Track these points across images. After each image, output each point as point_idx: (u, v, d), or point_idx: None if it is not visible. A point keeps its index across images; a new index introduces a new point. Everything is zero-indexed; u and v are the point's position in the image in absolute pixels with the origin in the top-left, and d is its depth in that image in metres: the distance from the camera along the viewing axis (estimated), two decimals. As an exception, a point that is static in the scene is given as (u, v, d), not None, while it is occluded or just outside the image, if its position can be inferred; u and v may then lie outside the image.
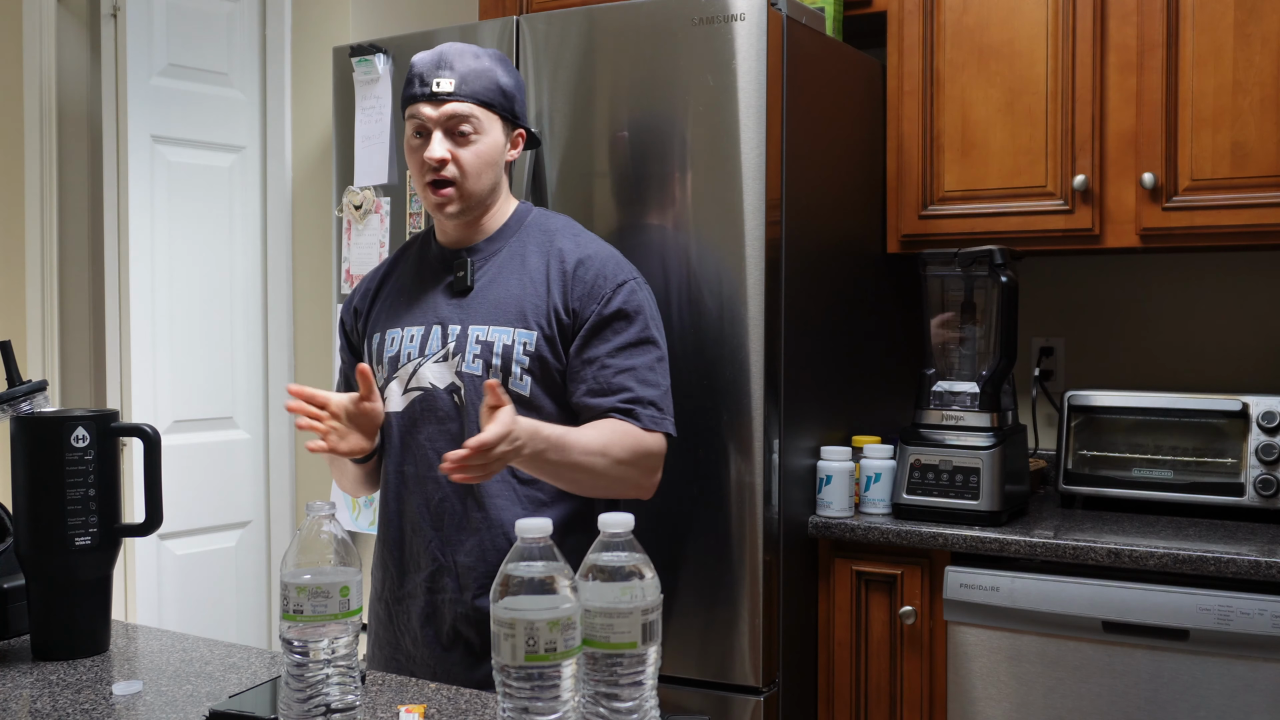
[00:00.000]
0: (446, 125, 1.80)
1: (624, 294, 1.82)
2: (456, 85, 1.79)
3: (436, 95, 1.79)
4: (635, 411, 1.79)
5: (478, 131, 1.81)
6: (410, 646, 1.85)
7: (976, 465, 2.33)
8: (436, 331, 1.84)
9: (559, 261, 1.83)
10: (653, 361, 1.83)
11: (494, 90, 1.82)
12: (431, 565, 1.82)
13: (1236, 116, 2.32)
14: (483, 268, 1.86)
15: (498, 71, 1.83)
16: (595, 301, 1.80)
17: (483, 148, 1.82)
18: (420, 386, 1.83)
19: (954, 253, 2.48)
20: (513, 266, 1.85)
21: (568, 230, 1.90)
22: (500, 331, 1.80)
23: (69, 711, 1.34)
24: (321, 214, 3.06)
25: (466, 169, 1.81)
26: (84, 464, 1.54)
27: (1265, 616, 2.00)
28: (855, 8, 2.71)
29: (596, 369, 1.79)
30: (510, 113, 1.85)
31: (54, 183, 3.16)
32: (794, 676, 2.34)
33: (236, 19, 3.11)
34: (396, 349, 1.86)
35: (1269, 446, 2.31)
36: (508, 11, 3.01)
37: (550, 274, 1.82)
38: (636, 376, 1.80)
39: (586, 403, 1.79)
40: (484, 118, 1.81)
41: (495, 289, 1.83)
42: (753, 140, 2.19)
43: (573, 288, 1.81)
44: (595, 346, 1.80)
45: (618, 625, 1.10)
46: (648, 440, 1.79)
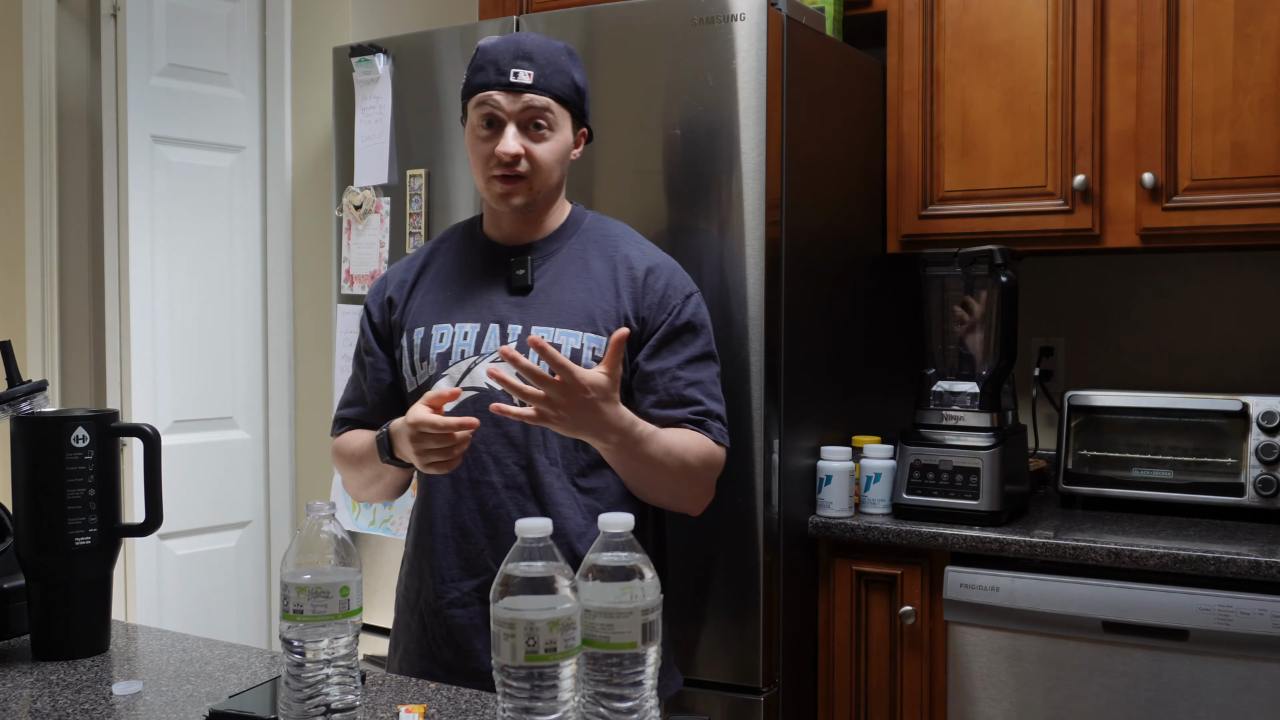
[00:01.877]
0: (521, 118, 1.72)
1: (692, 306, 1.80)
2: (536, 78, 1.72)
3: (515, 85, 1.71)
4: (706, 424, 1.76)
5: (552, 128, 1.74)
6: (451, 658, 1.75)
7: (976, 465, 2.33)
8: (494, 330, 1.76)
9: (627, 268, 1.78)
10: (715, 375, 1.82)
11: (570, 86, 1.76)
12: (484, 574, 1.74)
13: (1236, 116, 2.32)
14: (541, 267, 1.79)
15: (573, 67, 1.77)
16: (665, 312, 1.77)
17: (556, 145, 1.75)
18: (475, 386, 1.74)
19: (954, 253, 2.48)
20: (575, 269, 1.79)
21: (630, 237, 1.85)
22: (568, 334, 1.74)
23: (69, 711, 1.34)
24: (321, 214, 3.06)
25: (540, 164, 1.74)
26: (84, 464, 1.54)
27: (1265, 616, 2.00)
28: (855, 8, 2.71)
29: (668, 380, 1.76)
30: (581, 111, 1.80)
31: (54, 183, 3.16)
32: (794, 676, 2.34)
33: (236, 19, 3.11)
34: (447, 345, 1.78)
35: (1269, 446, 2.31)
36: (508, 11, 3.01)
37: (618, 280, 1.77)
38: (704, 390, 1.78)
39: (656, 414, 1.75)
40: (559, 114, 1.75)
41: (558, 290, 1.77)
42: (753, 140, 2.19)
43: (644, 295, 1.76)
44: (665, 357, 1.76)
45: (618, 625, 1.10)
46: (716, 453, 1.78)
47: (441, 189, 2.55)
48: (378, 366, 1.87)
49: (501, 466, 1.74)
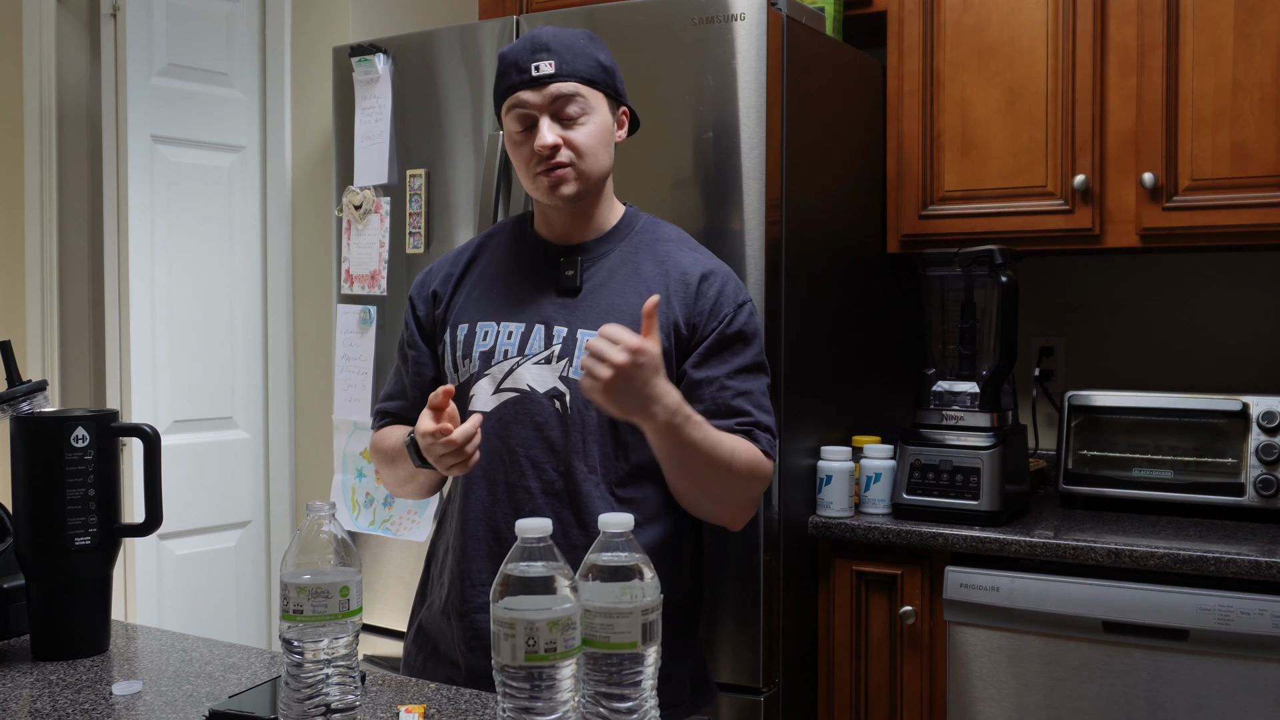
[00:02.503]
0: (553, 109, 1.68)
1: (745, 315, 1.75)
2: (558, 66, 1.67)
3: (539, 79, 1.67)
4: (755, 435, 1.71)
5: (586, 112, 1.69)
6: (476, 663, 1.69)
7: (976, 465, 2.33)
8: (539, 331, 1.72)
9: (680, 274, 1.73)
10: (765, 387, 1.76)
11: (595, 67, 1.71)
12: None
13: (1236, 116, 2.32)
14: (591, 269, 1.75)
15: (595, 49, 1.72)
16: (717, 320, 1.72)
17: (594, 128, 1.70)
18: (516, 388, 1.70)
19: (954, 253, 2.48)
20: (625, 272, 1.74)
21: (684, 242, 1.81)
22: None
23: (69, 711, 1.34)
24: (321, 214, 3.06)
25: (583, 150, 1.69)
26: (84, 464, 1.54)
27: (1265, 616, 2.00)
28: (855, 8, 2.71)
29: (715, 389, 1.70)
30: (614, 89, 1.74)
31: (54, 183, 3.16)
32: (794, 676, 2.34)
33: (236, 19, 3.11)
34: (491, 344, 1.74)
35: (1269, 446, 2.31)
36: (508, 11, 3.01)
37: (671, 285, 1.72)
38: (753, 401, 1.73)
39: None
40: (590, 96, 1.69)
41: (607, 293, 1.72)
42: (753, 140, 2.19)
43: (695, 302, 1.72)
44: (714, 366, 1.71)
45: (618, 625, 1.10)
46: (764, 464, 1.72)
47: (441, 189, 2.55)
48: (420, 361, 1.84)
49: (540, 472, 1.70)
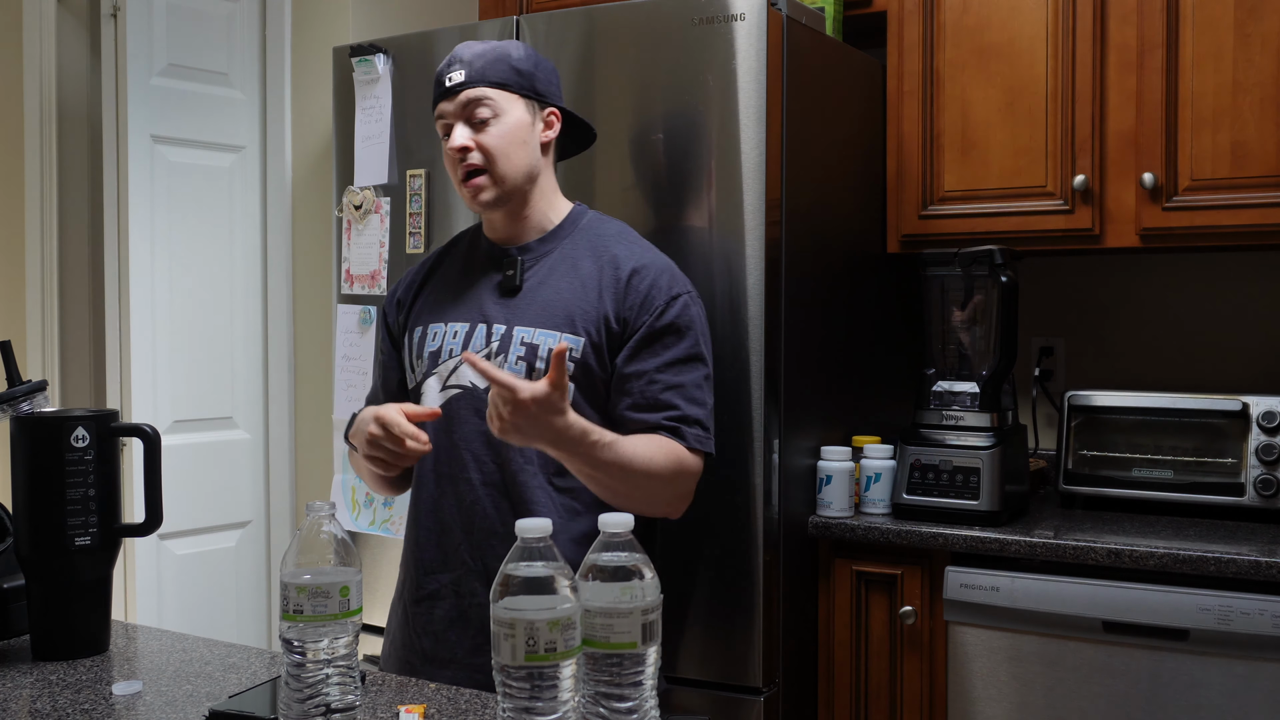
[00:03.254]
0: (464, 115, 1.77)
1: (678, 308, 1.78)
2: (467, 74, 1.77)
3: (451, 89, 1.78)
4: (681, 430, 1.74)
5: (496, 114, 1.77)
6: (430, 647, 1.80)
7: (976, 465, 2.33)
8: (481, 329, 1.80)
9: (613, 268, 1.79)
10: (700, 379, 1.79)
11: (506, 71, 1.78)
12: (460, 568, 1.78)
13: (1236, 116, 2.32)
14: (533, 268, 1.82)
15: (509, 51, 1.80)
16: (648, 313, 1.76)
17: (503, 128, 1.77)
18: (460, 384, 1.79)
19: (954, 253, 2.48)
20: (564, 269, 1.80)
21: (623, 237, 1.86)
22: (547, 335, 1.75)
23: (69, 711, 1.34)
24: (321, 214, 3.06)
25: (492, 151, 1.77)
26: (84, 464, 1.54)
27: (1265, 616, 2.00)
28: (855, 8, 2.71)
29: (644, 383, 1.75)
30: (530, 90, 1.80)
31: (54, 183, 3.16)
32: (794, 676, 2.34)
33: (236, 19, 3.11)
34: (438, 344, 1.82)
35: (1269, 446, 2.31)
36: (508, 11, 3.01)
37: (603, 280, 1.78)
38: (684, 394, 1.76)
39: (630, 416, 1.75)
40: (499, 98, 1.77)
41: (545, 291, 1.79)
42: (753, 140, 2.19)
43: (625, 296, 1.76)
44: (644, 360, 1.75)
45: (618, 625, 1.10)
46: (688, 461, 1.75)
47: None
48: (388, 365, 1.95)
49: (480, 464, 1.77)
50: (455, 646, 1.77)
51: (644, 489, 1.72)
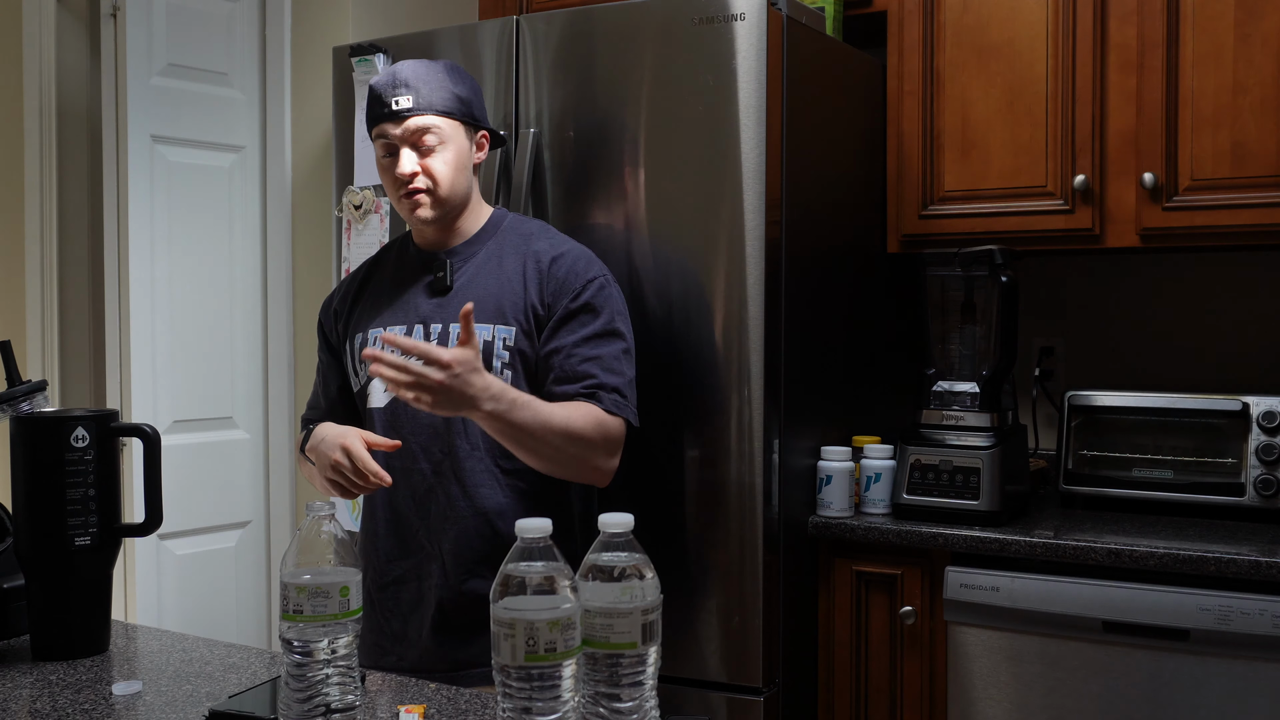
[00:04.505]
0: (411, 140, 1.88)
1: (593, 289, 1.91)
2: (415, 100, 1.87)
3: (398, 113, 1.87)
4: (599, 396, 1.86)
5: (442, 141, 1.89)
6: (398, 629, 1.93)
7: (976, 465, 2.33)
8: (419, 330, 1.92)
9: (535, 261, 1.92)
10: (618, 352, 1.91)
11: (450, 99, 1.90)
12: (419, 553, 1.91)
13: (1236, 116, 2.32)
14: (461, 269, 1.95)
15: (450, 80, 1.91)
16: (565, 296, 1.89)
17: (449, 155, 1.90)
18: None
19: (954, 253, 2.48)
20: (490, 267, 1.93)
21: (543, 233, 1.99)
22: (481, 328, 1.87)
23: (69, 711, 1.34)
24: (321, 214, 3.06)
25: (438, 177, 1.89)
26: (84, 464, 1.54)
27: (1265, 616, 2.00)
28: (855, 8, 2.71)
29: (563, 358, 1.87)
30: (470, 117, 1.93)
31: (54, 183, 3.16)
32: (794, 676, 2.34)
33: (236, 19, 3.11)
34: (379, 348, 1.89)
35: (1269, 446, 2.30)
36: (508, 11, 3.01)
37: (527, 272, 1.91)
38: (601, 365, 1.87)
39: (554, 390, 1.86)
40: (446, 126, 1.89)
41: (474, 288, 1.91)
42: (753, 140, 2.19)
43: (547, 283, 1.89)
44: (562, 336, 1.88)
45: (618, 625, 1.10)
46: (609, 422, 1.85)
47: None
48: (327, 373, 2.08)
49: (428, 454, 1.90)
50: (419, 626, 1.90)
51: (565, 449, 1.81)
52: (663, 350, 2.24)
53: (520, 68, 2.41)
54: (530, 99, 2.39)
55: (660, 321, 2.26)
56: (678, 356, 2.24)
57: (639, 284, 2.27)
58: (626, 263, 2.28)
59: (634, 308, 2.26)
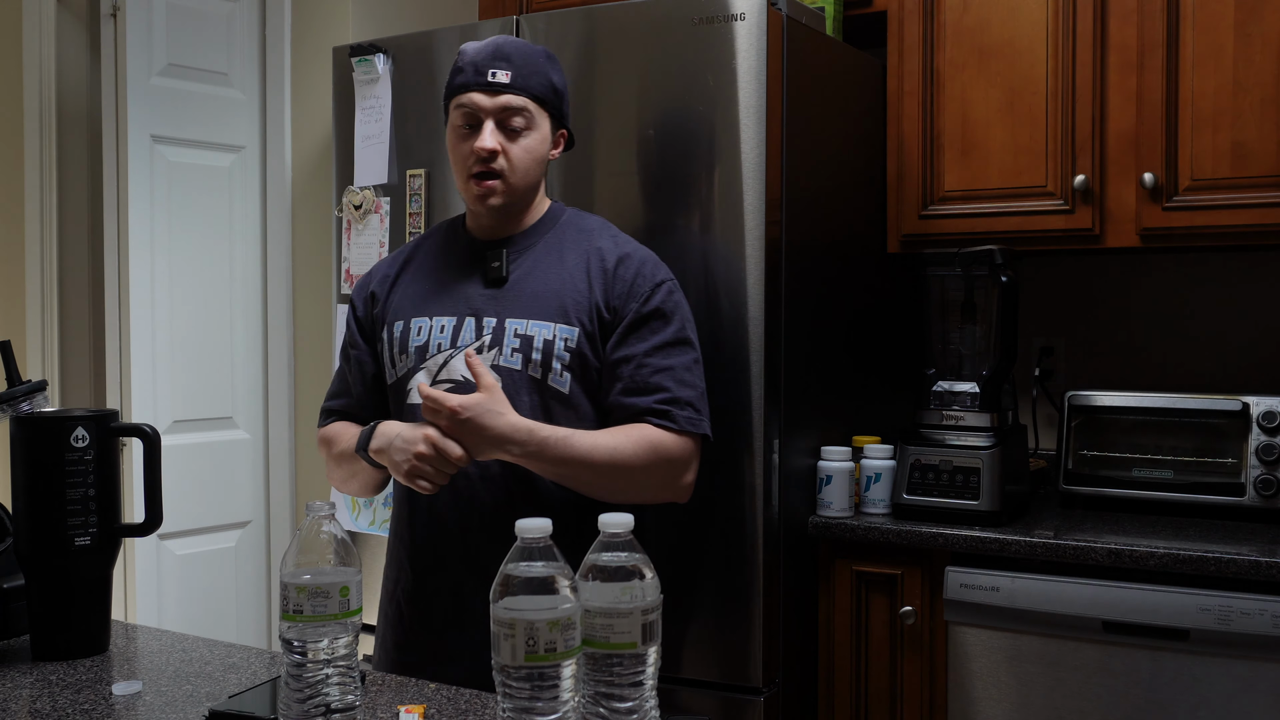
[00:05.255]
0: (499, 116, 1.76)
1: (662, 294, 1.80)
2: (514, 77, 1.76)
3: (492, 85, 1.75)
4: (671, 413, 1.75)
5: (529, 127, 1.78)
6: (433, 645, 1.79)
7: (977, 465, 2.33)
8: (470, 323, 1.79)
9: (599, 259, 1.80)
10: (690, 363, 1.80)
11: (547, 87, 1.79)
12: (459, 566, 1.78)
13: (1237, 116, 2.32)
14: (517, 260, 1.82)
15: (548, 68, 1.81)
16: (635, 300, 1.78)
17: (532, 143, 1.78)
18: (451, 379, 1.78)
19: (954, 253, 2.48)
20: (549, 261, 1.81)
21: (605, 230, 1.88)
22: (541, 326, 1.76)
23: (69, 711, 1.34)
24: (321, 214, 3.06)
25: (515, 164, 1.77)
26: (84, 464, 1.54)
27: (1265, 616, 2.00)
28: (855, 8, 2.71)
29: (633, 368, 1.76)
30: (559, 111, 1.83)
31: (54, 183, 3.16)
32: (794, 676, 2.34)
33: (236, 19, 3.11)
34: (425, 338, 1.81)
35: (1269, 446, 2.30)
36: (508, 11, 3.01)
37: (591, 271, 1.79)
38: (674, 376, 1.77)
39: (621, 401, 1.76)
40: (536, 113, 1.78)
41: (532, 282, 1.79)
42: (753, 140, 2.19)
43: (613, 284, 1.78)
44: (632, 344, 1.77)
45: (618, 625, 1.10)
46: (669, 443, 1.75)
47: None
48: (362, 359, 1.91)
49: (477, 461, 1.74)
50: (458, 645, 1.75)
51: (617, 480, 1.72)
52: (663, 350, 2.24)
53: (520, 68, 2.40)
54: (530, 99, 2.39)
55: (660, 321, 2.25)
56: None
57: (639, 284, 2.27)
58: (626, 263, 2.28)
59: (634, 308, 2.26)
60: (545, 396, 1.75)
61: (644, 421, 1.75)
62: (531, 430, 1.66)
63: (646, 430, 1.74)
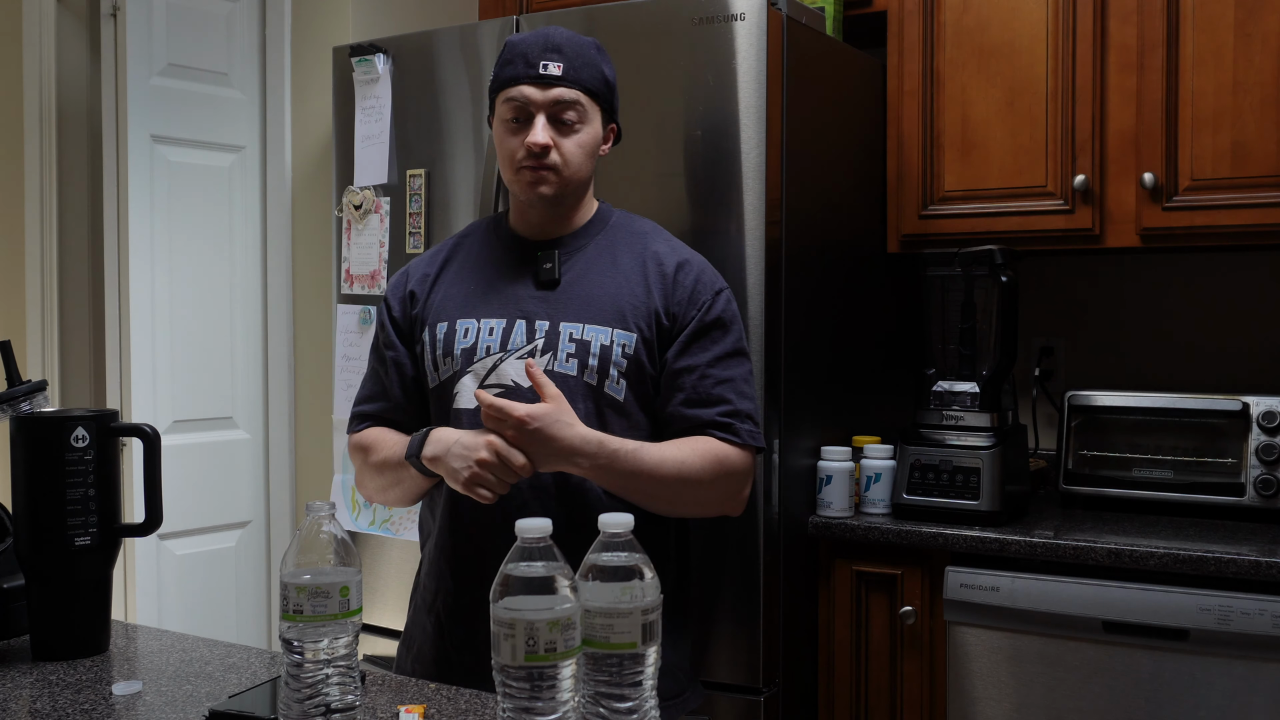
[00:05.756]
0: (551, 110, 1.70)
1: (722, 301, 1.76)
2: (566, 70, 1.70)
3: (544, 78, 1.69)
4: (734, 426, 1.72)
5: (581, 121, 1.72)
6: (473, 663, 1.65)
7: (976, 465, 2.33)
8: (521, 325, 1.72)
9: (657, 264, 1.75)
10: (747, 374, 1.78)
11: (600, 80, 1.74)
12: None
13: (1236, 116, 2.32)
14: (568, 262, 1.76)
15: (600, 61, 1.75)
16: (695, 308, 1.73)
17: (585, 138, 1.72)
18: (501, 383, 1.71)
19: (954, 253, 2.48)
20: (602, 264, 1.75)
21: (658, 234, 1.83)
22: (597, 330, 1.70)
23: (69, 711, 1.34)
24: (321, 214, 3.06)
25: (568, 158, 1.71)
26: (84, 464, 1.54)
27: (1265, 616, 2.00)
28: (855, 8, 2.71)
29: (696, 378, 1.71)
30: (610, 104, 1.77)
31: (54, 183, 3.16)
32: (794, 676, 2.34)
33: (236, 19, 3.11)
34: (472, 340, 1.73)
35: (1269, 446, 2.30)
36: (508, 11, 3.01)
37: (649, 276, 1.74)
38: (735, 389, 1.73)
39: (684, 413, 1.72)
40: (589, 107, 1.72)
41: (586, 285, 1.74)
42: (753, 140, 2.19)
43: (673, 291, 1.73)
44: (695, 354, 1.72)
45: (618, 625, 1.10)
46: (732, 458, 1.71)
47: (441, 189, 2.55)
48: (400, 361, 1.82)
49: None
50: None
51: (682, 493, 1.69)
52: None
53: (520, 68, 2.40)
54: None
55: (660, 321, 2.25)
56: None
57: (639, 284, 2.27)
58: (626, 263, 2.28)
59: (634, 308, 2.26)
60: (600, 404, 1.69)
61: (706, 434, 1.71)
62: (602, 442, 1.61)
63: (711, 444, 1.70)
